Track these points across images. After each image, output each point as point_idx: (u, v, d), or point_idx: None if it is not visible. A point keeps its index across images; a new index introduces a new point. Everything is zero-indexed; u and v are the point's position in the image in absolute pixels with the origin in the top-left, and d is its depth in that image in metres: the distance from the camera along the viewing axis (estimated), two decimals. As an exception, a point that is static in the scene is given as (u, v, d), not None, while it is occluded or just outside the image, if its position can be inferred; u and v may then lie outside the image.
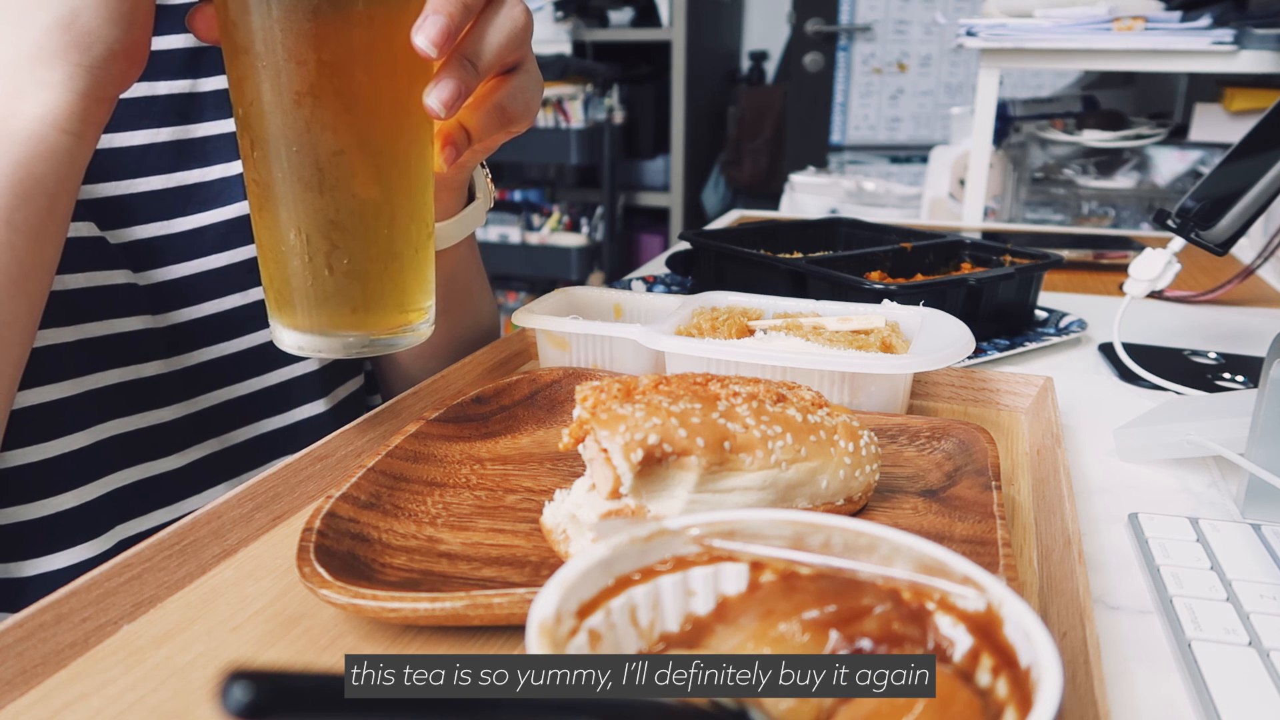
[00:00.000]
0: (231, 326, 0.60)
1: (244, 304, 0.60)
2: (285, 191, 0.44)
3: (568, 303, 0.71)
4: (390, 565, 0.40)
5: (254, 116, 0.43)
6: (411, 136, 0.45)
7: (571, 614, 0.25)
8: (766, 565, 0.27)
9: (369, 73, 0.43)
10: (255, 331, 0.61)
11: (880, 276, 0.80)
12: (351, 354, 0.47)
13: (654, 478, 0.39)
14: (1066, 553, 0.39)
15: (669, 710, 0.22)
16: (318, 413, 0.65)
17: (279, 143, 0.43)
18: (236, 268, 0.59)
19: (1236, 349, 0.77)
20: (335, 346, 0.47)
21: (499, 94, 0.48)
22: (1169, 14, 1.43)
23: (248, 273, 0.60)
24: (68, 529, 0.52)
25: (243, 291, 0.60)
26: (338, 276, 0.45)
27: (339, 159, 0.43)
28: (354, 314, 0.47)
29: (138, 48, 0.42)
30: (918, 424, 0.53)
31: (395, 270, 0.47)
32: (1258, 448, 0.48)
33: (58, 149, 0.41)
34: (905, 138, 3.17)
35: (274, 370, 0.62)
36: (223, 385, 0.60)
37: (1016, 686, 0.23)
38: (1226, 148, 0.70)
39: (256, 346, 0.61)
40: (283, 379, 0.63)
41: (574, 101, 2.96)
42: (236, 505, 0.44)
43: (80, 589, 0.36)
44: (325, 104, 0.42)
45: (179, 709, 0.33)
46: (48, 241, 0.43)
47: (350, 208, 0.44)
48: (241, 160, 0.45)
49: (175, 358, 0.57)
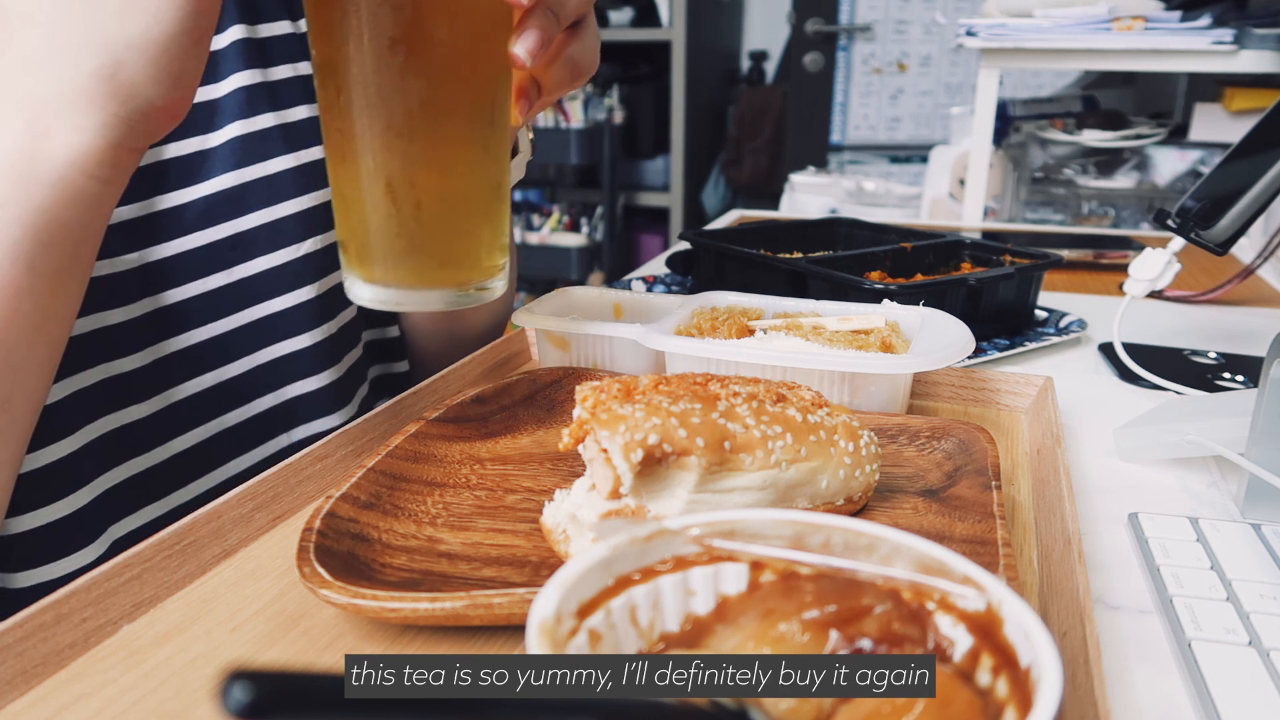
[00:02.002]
0: (218, 306, 0.58)
1: (228, 282, 0.58)
2: (373, 140, 0.43)
3: (567, 303, 0.71)
4: (390, 565, 0.40)
5: (342, 63, 0.42)
6: (495, 86, 0.45)
7: (571, 614, 0.25)
8: (766, 565, 0.27)
9: (459, 20, 0.42)
10: (243, 309, 0.59)
11: (880, 276, 0.80)
12: (430, 308, 0.46)
13: (654, 478, 0.39)
14: (1066, 553, 0.39)
15: (669, 710, 0.22)
16: (315, 388, 0.63)
17: (370, 90, 0.42)
18: (219, 245, 0.57)
19: (1236, 349, 0.77)
20: (416, 300, 0.46)
21: (570, 47, 0.48)
22: (1169, 14, 1.43)
23: (230, 249, 0.58)
24: (61, 536, 0.51)
25: (227, 270, 0.58)
26: (424, 228, 0.45)
27: (429, 107, 0.43)
28: (439, 268, 0.46)
29: (180, 105, 0.40)
30: (918, 424, 0.53)
31: (478, 223, 0.46)
32: (1258, 448, 0.48)
33: (84, 194, 0.40)
34: (905, 138, 3.17)
35: (265, 348, 0.61)
36: (212, 368, 0.58)
37: (1016, 686, 0.23)
38: (1226, 148, 0.70)
39: (246, 325, 0.59)
40: (275, 355, 0.61)
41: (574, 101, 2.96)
42: (236, 505, 0.44)
43: (80, 589, 0.36)
44: (418, 51, 0.42)
45: (179, 709, 0.33)
46: (71, 288, 0.42)
47: (439, 158, 0.44)
48: (321, 109, 0.44)
49: (159, 344, 0.56)
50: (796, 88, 3.13)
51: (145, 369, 0.55)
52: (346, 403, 0.65)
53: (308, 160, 0.62)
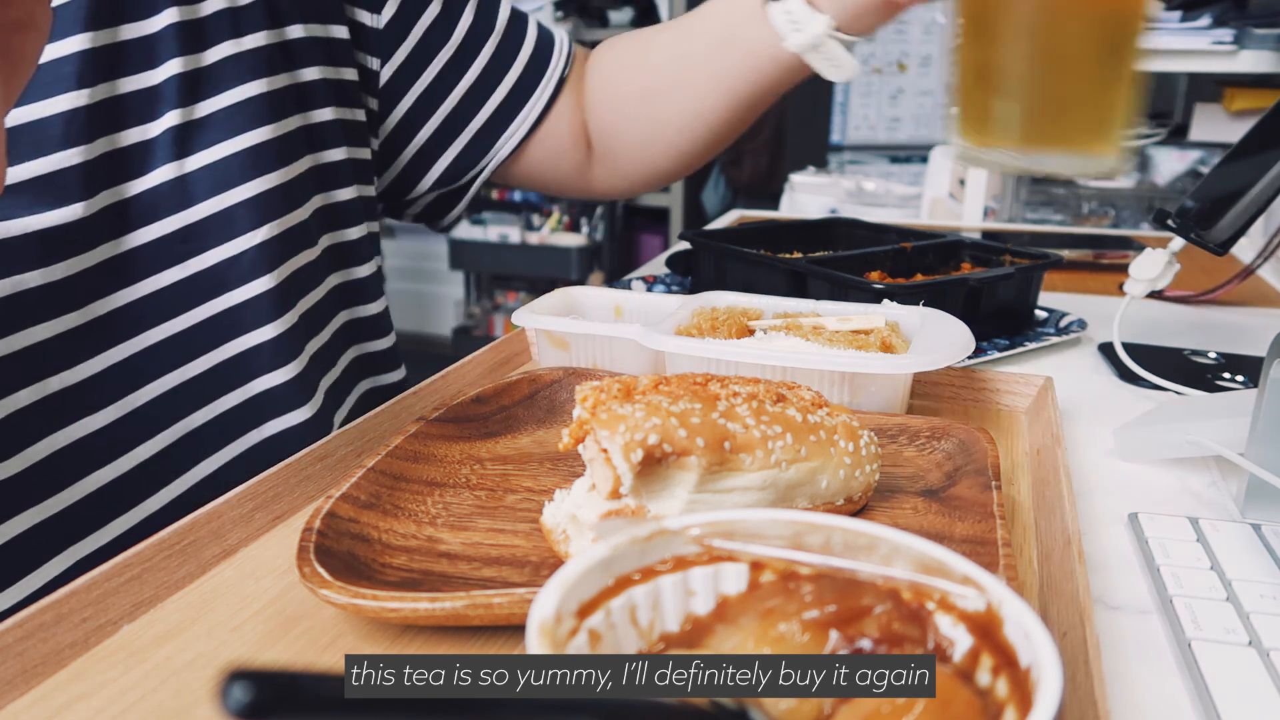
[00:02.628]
0: (173, 304, 0.55)
1: (181, 278, 0.56)
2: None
3: (568, 303, 0.71)
4: (390, 565, 0.40)
5: None
6: None
7: (571, 614, 0.25)
8: (766, 565, 0.27)
9: None
10: (199, 305, 0.56)
11: (880, 276, 0.80)
12: (1070, 173, 0.47)
13: (654, 478, 0.39)
14: (1066, 553, 0.39)
15: (669, 710, 0.22)
16: (281, 381, 0.60)
17: None
18: (168, 239, 0.55)
19: (1236, 349, 0.77)
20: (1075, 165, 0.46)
21: None
22: (1169, 14, 1.43)
23: (181, 243, 0.55)
24: (18, 557, 0.49)
25: (179, 264, 0.55)
26: (1078, 88, 0.45)
27: None
28: (1082, 132, 0.46)
29: None
30: (918, 424, 0.53)
31: (1123, 91, 0.46)
32: (1258, 448, 0.48)
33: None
34: (905, 138, 3.17)
35: (226, 343, 0.58)
36: (172, 369, 0.56)
37: (1016, 686, 0.23)
38: (1226, 148, 0.70)
39: (203, 321, 0.56)
40: (237, 350, 0.58)
41: (574, 101, 2.95)
42: (236, 505, 0.44)
43: (80, 589, 0.36)
44: None
45: (179, 709, 0.33)
46: None
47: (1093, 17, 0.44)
48: None
49: (111, 350, 0.53)
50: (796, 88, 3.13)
51: (98, 376, 0.53)
52: (314, 393, 0.63)
53: (254, 143, 0.59)
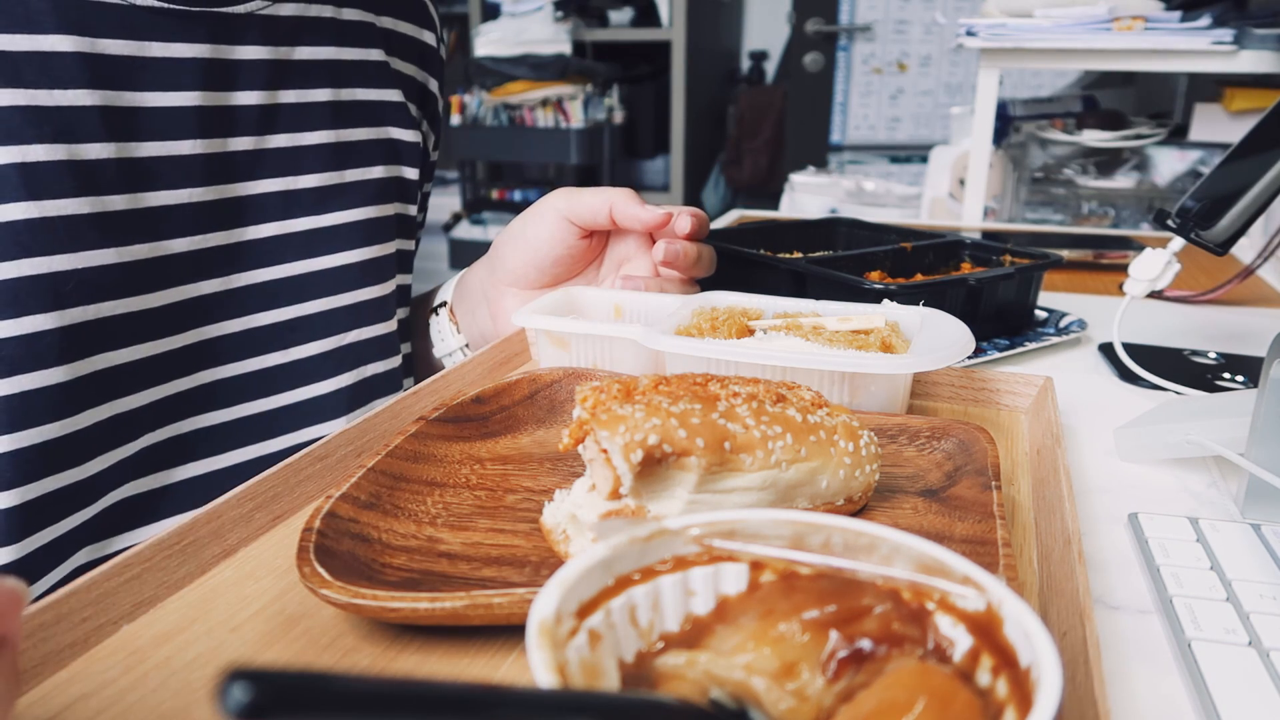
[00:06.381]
0: (146, 328, 0.56)
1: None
2: None
3: (568, 303, 0.71)
4: (390, 565, 0.40)
5: None
6: None
7: (571, 614, 0.25)
8: (766, 565, 0.27)
9: None
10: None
11: (880, 276, 0.80)
12: None
13: (654, 478, 0.39)
14: (1066, 553, 0.39)
15: (669, 710, 0.22)
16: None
17: None
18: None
19: (1236, 349, 0.77)
20: None
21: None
22: (1169, 14, 1.43)
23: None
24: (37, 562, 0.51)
25: (148, 294, 0.56)
26: None
27: None
28: None
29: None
30: (918, 424, 0.53)
31: None
32: (1258, 448, 0.48)
33: None
34: (905, 138, 3.17)
35: (197, 372, 0.59)
36: (150, 385, 0.56)
37: (1016, 686, 0.23)
38: (1226, 148, 0.70)
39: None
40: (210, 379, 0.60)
41: (574, 101, 2.96)
42: (236, 505, 0.44)
43: (80, 589, 0.36)
44: None
45: (179, 709, 0.33)
46: None
47: None
48: None
49: (78, 362, 0.52)
50: (796, 88, 3.13)
51: (63, 386, 0.52)
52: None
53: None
